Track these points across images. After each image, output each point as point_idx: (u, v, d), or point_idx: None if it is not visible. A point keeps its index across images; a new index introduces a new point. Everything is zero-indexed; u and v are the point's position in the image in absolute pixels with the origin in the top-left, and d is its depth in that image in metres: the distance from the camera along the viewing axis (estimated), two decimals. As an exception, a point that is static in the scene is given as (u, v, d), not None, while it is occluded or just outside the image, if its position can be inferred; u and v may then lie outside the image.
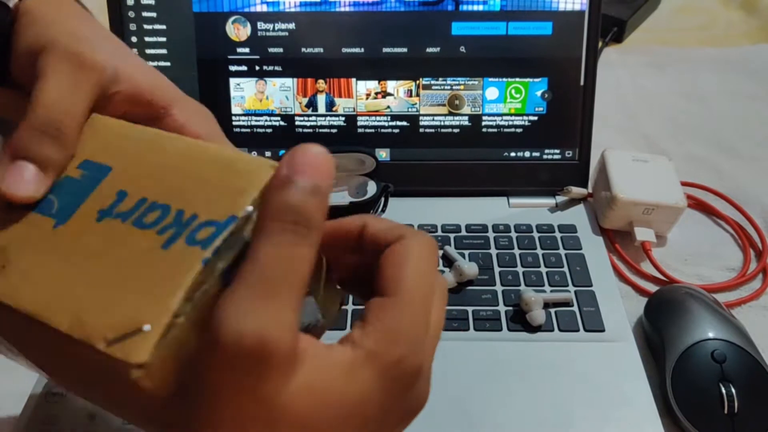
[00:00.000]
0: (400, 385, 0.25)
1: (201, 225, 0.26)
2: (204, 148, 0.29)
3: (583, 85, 0.64)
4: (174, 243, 0.26)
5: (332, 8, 0.62)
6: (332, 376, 0.24)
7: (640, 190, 0.62)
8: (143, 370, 0.23)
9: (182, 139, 0.31)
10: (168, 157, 0.29)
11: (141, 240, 0.26)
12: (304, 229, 0.24)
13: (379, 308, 0.26)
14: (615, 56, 0.90)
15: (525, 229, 0.63)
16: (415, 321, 0.26)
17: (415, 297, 0.26)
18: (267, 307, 0.22)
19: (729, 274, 0.61)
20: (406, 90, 0.64)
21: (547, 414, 0.48)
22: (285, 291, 0.23)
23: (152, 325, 0.23)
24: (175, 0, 0.62)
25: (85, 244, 0.27)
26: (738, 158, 0.74)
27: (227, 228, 0.25)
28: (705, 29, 0.96)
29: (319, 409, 0.24)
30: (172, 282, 0.24)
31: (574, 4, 0.62)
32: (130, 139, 0.31)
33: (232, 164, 0.28)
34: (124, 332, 0.24)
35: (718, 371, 0.48)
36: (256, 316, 0.22)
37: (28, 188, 0.28)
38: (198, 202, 0.27)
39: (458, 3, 0.62)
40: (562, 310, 0.55)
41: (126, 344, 0.23)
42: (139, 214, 0.27)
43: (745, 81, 0.86)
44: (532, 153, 0.66)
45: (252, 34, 0.63)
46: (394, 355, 0.25)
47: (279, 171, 0.25)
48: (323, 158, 0.25)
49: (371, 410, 0.25)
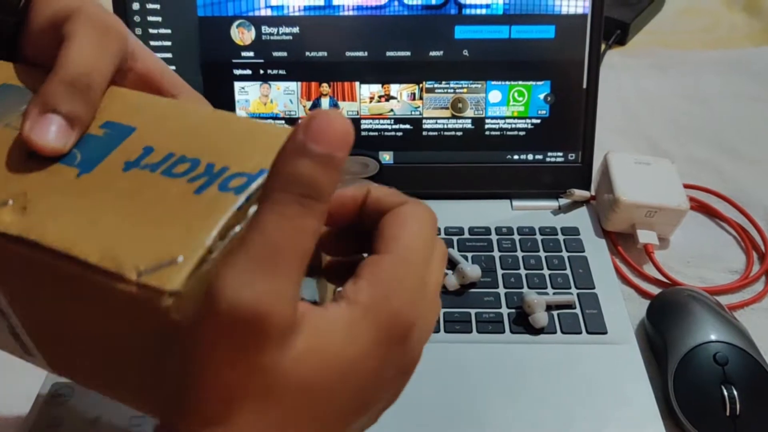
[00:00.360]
0: (395, 339, 0.25)
1: (233, 176, 0.26)
2: (229, 114, 0.30)
3: (586, 88, 0.64)
4: (206, 189, 0.25)
5: (336, 12, 0.63)
6: (330, 337, 0.24)
7: (643, 193, 0.62)
8: (174, 299, 0.22)
9: (203, 107, 0.31)
10: (194, 119, 0.29)
11: (172, 186, 0.26)
12: (313, 201, 0.23)
13: (374, 263, 0.26)
14: (618, 59, 0.90)
15: (528, 231, 0.63)
16: (411, 276, 0.26)
17: (412, 254, 0.26)
18: (267, 279, 0.22)
19: (731, 276, 0.62)
20: (409, 93, 0.65)
21: (550, 416, 0.49)
22: (287, 263, 0.23)
23: (186, 257, 0.23)
24: (180, 4, 0.63)
25: (113, 188, 0.27)
26: (741, 160, 0.74)
27: (259, 178, 0.26)
28: (708, 31, 0.96)
29: (318, 371, 0.24)
30: (207, 220, 0.24)
31: (577, 7, 0.63)
32: (151, 104, 0.31)
33: (259, 127, 0.28)
34: (157, 263, 0.23)
35: (720, 374, 0.49)
36: (255, 287, 0.22)
37: (58, 140, 0.28)
38: (228, 156, 0.27)
39: (461, 7, 0.63)
40: (565, 313, 0.55)
41: (159, 273, 0.23)
42: (169, 165, 0.27)
43: (748, 83, 0.86)
44: (535, 156, 0.66)
45: (256, 38, 0.63)
46: (390, 309, 0.25)
47: (294, 135, 0.23)
48: (343, 126, 0.24)
49: (369, 366, 0.25)
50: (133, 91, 0.32)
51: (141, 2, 0.62)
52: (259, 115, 0.65)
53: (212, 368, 0.22)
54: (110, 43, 0.31)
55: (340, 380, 0.24)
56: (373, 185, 0.30)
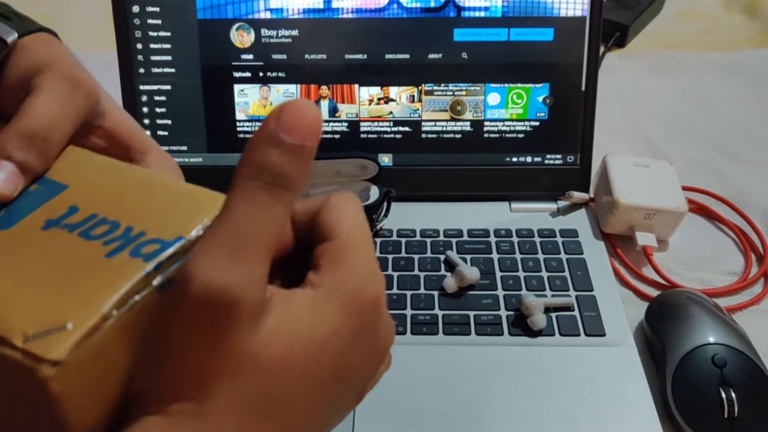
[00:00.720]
0: (365, 314, 0.26)
1: (148, 241, 0.26)
2: (164, 179, 0.30)
3: (585, 91, 0.65)
4: (118, 253, 0.25)
5: (335, 15, 0.63)
6: (299, 317, 0.25)
7: (642, 195, 0.62)
8: (57, 368, 0.22)
9: (146, 170, 0.31)
10: (127, 182, 0.29)
11: (85, 248, 0.26)
12: (282, 190, 0.24)
13: (328, 250, 0.26)
14: (617, 61, 0.91)
15: (526, 233, 0.63)
16: (364, 253, 0.27)
17: (358, 233, 0.27)
18: (237, 264, 0.23)
19: (730, 278, 0.62)
20: (408, 96, 0.65)
21: (548, 418, 0.49)
22: (255, 248, 0.23)
23: (76, 324, 0.22)
24: (179, 7, 0.63)
25: (25, 247, 0.26)
26: (740, 162, 0.74)
27: (173, 246, 0.25)
28: (707, 33, 0.96)
29: (290, 351, 0.24)
30: (107, 287, 0.24)
31: (576, 10, 0.63)
32: (93, 164, 0.31)
33: (189, 194, 0.28)
34: (46, 329, 0.22)
35: (719, 376, 0.49)
36: (225, 271, 0.22)
37: (5, 186, 0.29)
38: (149, 221, 0.27)
39: (460, 9, 0.63)
40: (563, 315, 0.55)
41: (45, 340, 0.22)
42: (89, 226, 0.27)
43: (748, 85, 0.86)
44: (534, 158, 0.66)
45: (256, 41, 0.64)
46: (354, 285, 0.26)
47: (266, 125, 0.24)
48: (314, 116, 0.24)
49: (342, 342, 0.25)
50: (85, 150, 0.32)
51: (141, 5, 0.62)
52: (259, 117, 0.65)
53: (185, 349, 0.23)
54: (76, 100, 0.32)
55: (314, 358, 0.25)
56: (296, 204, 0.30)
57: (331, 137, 0.66)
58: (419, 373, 0.52)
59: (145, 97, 0.64)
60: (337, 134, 0.66)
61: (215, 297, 0.22)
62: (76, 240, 0.26)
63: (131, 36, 0.63)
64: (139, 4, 0.63)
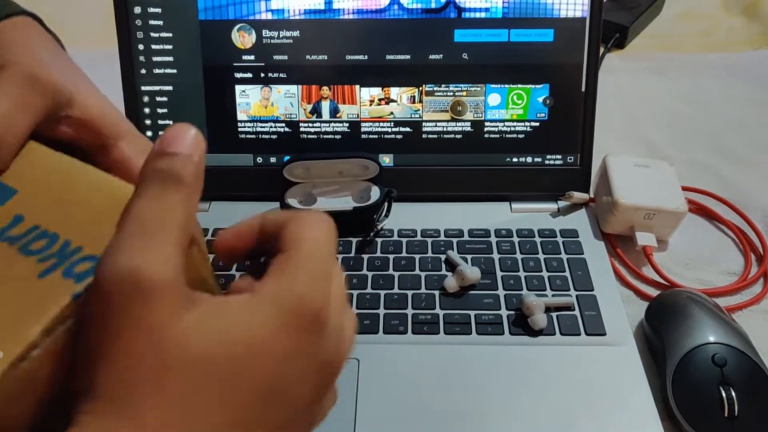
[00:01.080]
0: (304, 325, 0.26)
1: (83, 259, 0.25)
2: (116, 188, 0.29)
3: (585, 91, 0.65)
4: (51, 273, 0.25)
5: (336, 16, 0.63)
6: (231, 318, 0.24)
7: (642, 195, 0.62)
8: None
9: (102, 176, 0.30)
10: (76, 188, 0.29)
11: (21, 267, 0.25)
12: (173, 182, 0.25)
13: (278, 260, 0.27)
14: (617, 62, 0.91)
15: (527, 233, 0.63)
16: (315, 267, 0.27)
17: (316, 249, 0.27)
18: (142, 246, 0.23)
19: (730, 278, 0.62)
20: (409, 96, 0.65)
21: (549, 417, 0.49)
22: (159, 232, 0.24)
23: (3, 353, 0.22)
24: (181, 8, 0.63)
25: None
26: (739, 163, 0.75)
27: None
28: (707, 35, 0.97)
29: (219, 347, 0.24)
30: (36, 313, 0.23)
31: (576, 11, 0.63)
32: (48, 167, 0.30)
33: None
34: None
35: (719, 375, 0.49)
36: (131, 253, 0.23)
37: None
38: (88, 235, 0.26)
39: (461, 10, 0.63)
40: (564, 314, 0.56)
41: None
42: (29, 239, 0.26)
43: (747, 86, 0.86)
44: (534, 158, 0.66)
45: (257, 42, 0.64)
46: (294, 293, 0.25)
47: (152, 150, 0.26)
48: (189, 131, 0.26)
49: (279, 348, 0.25)
50: (44, 149, 0.31)
51: (142, 6, 0.63)
52: (260, 118, 0.65)
53: (104, 342, 0.23)
54: (33, 99, 0.31)
55: (246, 360, 0.24)
56: (269, 212, 0.30)
57: (332, 137, 0.66)
58: (420, 372, 0.52)
59: (146, 97, 0.65)
60: (338, 135, 0.66)
61: (123, 276, 0.22)
62: (15, 256, 0.26)
63: (133, 37, 0.63)
64: (141, 5, 0.63)
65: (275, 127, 0.66)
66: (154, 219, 0.24)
